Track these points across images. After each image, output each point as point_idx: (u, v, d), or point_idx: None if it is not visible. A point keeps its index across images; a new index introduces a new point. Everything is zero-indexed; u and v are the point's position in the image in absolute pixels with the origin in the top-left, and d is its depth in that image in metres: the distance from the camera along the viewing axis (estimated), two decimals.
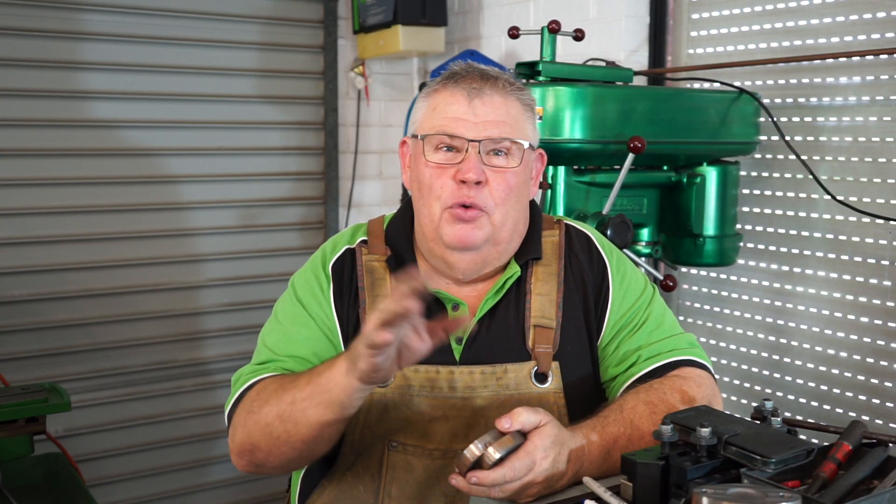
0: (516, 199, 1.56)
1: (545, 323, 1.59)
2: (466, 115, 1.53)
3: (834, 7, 2.46)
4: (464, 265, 1.57)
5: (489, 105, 1.53)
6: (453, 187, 1.52)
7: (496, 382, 1.55)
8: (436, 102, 1.57)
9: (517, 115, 1.57)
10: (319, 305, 1.61)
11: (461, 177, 1.51)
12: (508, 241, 1.59)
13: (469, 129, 1.52)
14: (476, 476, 1.25)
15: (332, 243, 1.69)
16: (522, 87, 1.60)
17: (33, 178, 3.09)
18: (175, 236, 3.35)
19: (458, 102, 1.54)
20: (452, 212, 1.52)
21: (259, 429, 1.46)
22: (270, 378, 1.52)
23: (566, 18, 2.84)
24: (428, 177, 1.55)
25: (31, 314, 3.10)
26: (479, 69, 1.59)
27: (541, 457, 1.28)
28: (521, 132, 1.56)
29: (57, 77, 3.09)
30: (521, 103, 1.58)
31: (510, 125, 1.54)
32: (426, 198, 1.56)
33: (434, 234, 1.56)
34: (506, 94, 1.56)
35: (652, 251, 2.57)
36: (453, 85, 1.56)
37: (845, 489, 1.16)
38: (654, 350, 1.60)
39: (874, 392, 2.41)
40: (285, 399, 1.43)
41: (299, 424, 1.41)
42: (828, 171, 2.49)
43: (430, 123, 1.56)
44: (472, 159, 1.51)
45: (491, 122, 1.53)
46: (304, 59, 3.57)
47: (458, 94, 1.54)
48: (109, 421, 3.25)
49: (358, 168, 3.71)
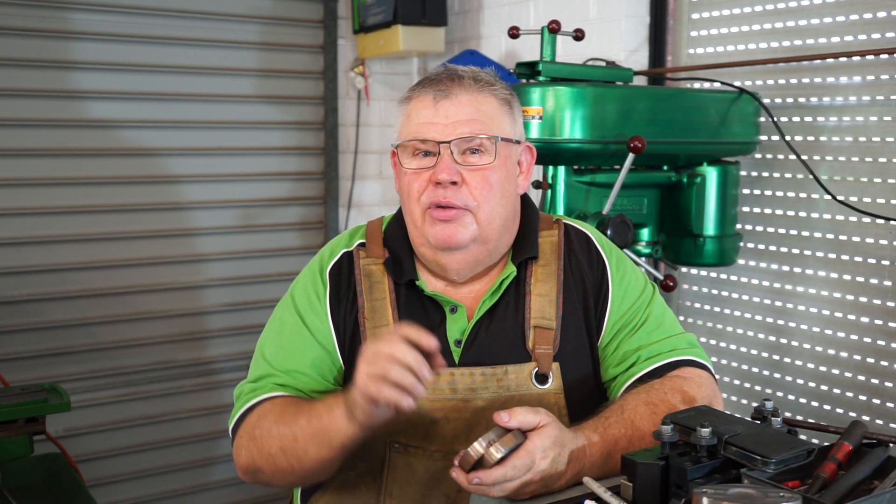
0: (500, 195, 1.56)
1: (545, 324, 1.59)
2: (436, 118, 1.53)
3: (834, 7, 2.46)
4: (455, 265, 1.58)
5: (457, 104, 1.53)
6: (430, 189, 1.53)
7: (497, 384, 1.55)
8: (409, 110, 1.58)
9: (490, 110, 1.56)
10: (316, 315, 1.61)
11: (435, 178, 1.52)
12: (498, 238, 1.59)
13: (439, 132, 1.53)
14: (478, 476, 1.27)
15: (331, 248, 1.69)
16: (495, 82, 1.59)
17: (34, 179, 3.09)
18: (175, 236, 3.35)
19: (427, 107, 1.54)
20: (431, 213, 1.54)
21: (263, 457, 1.50)
22: (270, 403, 1.54)
23: (566, 18, 2.84)
24: (407, 183, 1.56)
25: (31, 314, 3.10)
26: (450, 70, 1.59)
27: (540, 456, 1.29)
28: (495, 127, 1.55)
29: (58, 77, 3.10)
30: (496, 98, 1.57)
31: (482, 122, 1.54)
32: (408, 203, 1.58)
33: (421, 237, 1.57)
34: (476, 91, 1.55)
35: (652, 251, 2.57)
36: (421, 90, 1.57)
37: (845, 489, 1.16)
38: (655, 350, 1.59)
39: (874, 392, 2.41)
40: (287, 435, 1.46)
41: (302, 460, 1.46)
42: (828, 171, 2.49)
43: (405, 131, 1.57)
44: (445, 160, 1.52)
45: (461, 122, 1.53)
46: (304, 59, 3.57)
47: (425, 98, 1.55)
48: (109, 421, 3.25)
49: (358, 168, 3.71)
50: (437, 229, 1.53)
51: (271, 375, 1.59)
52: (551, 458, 1.30)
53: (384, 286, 1.61)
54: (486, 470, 1.27)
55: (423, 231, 1.56)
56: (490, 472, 1.27)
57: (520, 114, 1.64)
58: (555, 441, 1.31)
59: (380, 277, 1.62)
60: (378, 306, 1.59)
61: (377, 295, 1.60)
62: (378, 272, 1.62)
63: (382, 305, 1.59)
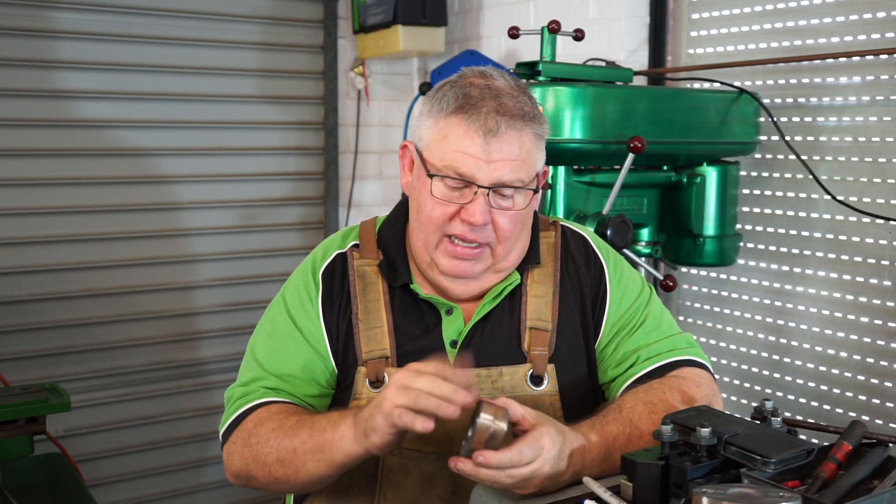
0: (521, 229, 1.55)
1: (541, 325, 1.58)
2: (479, 153, 1.46)
3: (834, 7, 2.46)
4: (459, 291, 1.57)
5: (504, 143, 1.47)
6: (456, 222, 1.50)
7: (492, 385, 1.54)
8: (447, 131, 1.49)
9: (530, 147, 1.51)
10: (308, 317, 1.60)
11: (468, 219, 1.48)
12: (512, 267, 1.58)
13: (481, 170, 1.46)
14: (483, 455, 1.23)
15: (324, 248, 1.68)
16: (536, 116, 1.52)
17: (34, 179, 3.09)
18: (175, 236, 3.35)
19: (473, 140, 1.46)
20: (448, 245, 1.51)
21: (258, 466, 1.48)
22: (265, 410, 1.52)
23: (566, 18, 2.84)
24: (429, 207, 1.51)
25: (31, 314, 3.10)
26: (496, 96, 1.49)
27: (549, 444, 1.28)
28: (531, 167, 1.51)
29: (60, 77, 3.10)
30: (535, 134, 1.52)
31: (522, 161, 1.49)
32: (424, 225, 1.53)
33: (428, 258, 1.55)
34: (521, 129, 1.48)
35: (652, 251, 2.57)
36: (467, 119, 1.47)
37: (845, 489, 1.16)
38: (653, 350, 1.59)
39: (874, 392, 2.41)
40: (286, 446, 1.44)
41: (300, 473, 1.44)
42: (828, 171, 2.49)
43: (439, 153, 1.49)
44: (481, 204, 1.47)
45: (503, 163, 1.47)
46: (304, 59, 3.57)
47: (472, 130, 1.46)
48: (109, 421, 3.25)
49: (358, 168, 3.71)
50: (453, 263, 1.52)
51: (261, 379, 1.58)
52: (559, 446, 1.29)
53: (378, 287, 1.60)
54: (492, 451, 1.24)
55: (433, 255, 1.54)
56: (495, 454, 1.24)
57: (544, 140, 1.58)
58: (559, 430, 1.31)
59: (374, 279, 1.61)
60: (372, 307, 1.59)
61: (371, 296, 1.60)
62: (372, 273, 1.61)
63: (376, 307, 1.59)
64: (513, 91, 1.52)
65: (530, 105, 1.52)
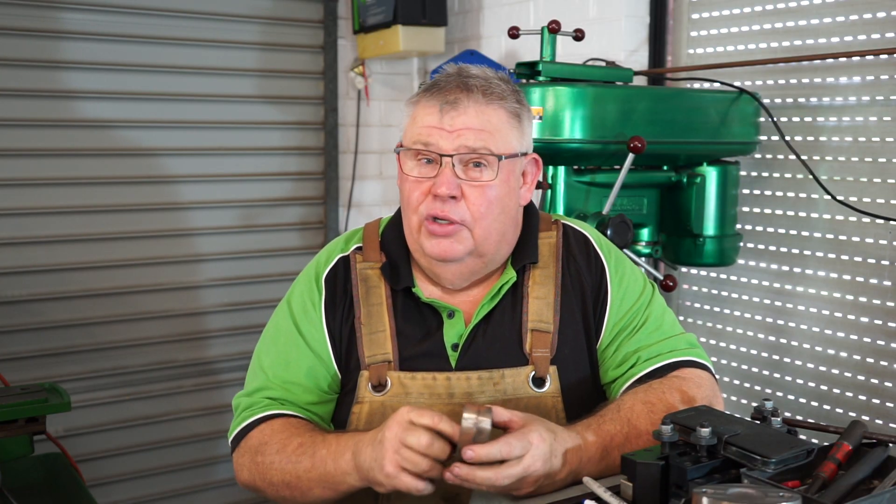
0: (500, 211, 1.54)
1: (542, 327, 1.58)
2: (441, 124, 1.50)
3: (834, 7, 2.46)
4: (449, 276, 1.57)
5: (465, 115, 1.50)
6: (429, 200, 1.51)
7: (493, 388, 1.54)
8: (415, 113, 1.55)
9: (499, 123, 1.52)
10: (311, 323, 1.61)
11: (435, 191, 1.50)
12: (495, 252, 1.58)
13: (443, 139, 1.50)
14: (472, 449, 1.25)
15: (327, 253, 1.68)
16: (506, 96, 1.54)
17: (34, 179, 3.09)
18: (175, 236, 3.35)
19: (433, 114, 1.51)
20: (427, 225, 1.52)
21: (265, 484, 1.51)
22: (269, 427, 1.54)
23: (566, 18, 2.84)
24: (407, 190, 1.55)
25: (31, 314, 3.10)
26: (462, 77, 1.54)
27: (538, 439, 1.29)
28: (501, 141, 1.52)
29: (62, 77, 3.10)
30: (506, 111, 1.53)
31: (489, 133, 1.50)
32: (406, 211, 1.57)
33: (416, 245, 1.57)
34: (485, 103, 1.51)
35: (652, 251, 2.57)
36: (430, 96, 1.53)
37: (845, 489, 1.16)
38: (654, 351, 1.59)
39: (874, 392, 2.41)
40: (290, 471, 1.46)
41: (307, 496, 1.47)
42: (828, 171, 2.49)
43: (409, 134, 1.55)
44: (446, 174, 1.49)
45: (467, 131, 1.49)
46: (304, 59, 3.57)
47: (432, 105, 1.52)
48: (109, 421, 3.26)
49: (358, 168, 3.71)
50: (433, 243, 1.52)
51: (265, 389, 1.59)
52: (549, 442, 1.29)
53: (381, 291, 1.61)
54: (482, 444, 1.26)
55: (418, 241, 1.55)
56: (484, 446, 1.26)
57: (530, 125, 1.61)
58: (548, 427, 1.32)
59: (376, 282, 1.61)
60: (374, 312, 1.59)
61: (374, 300, 1.60)
62: (375, 277, 1.62)
63: (379, 311, 1.59)
64: (487, 76, 1.55)
65: (504, 89, 1.54)
